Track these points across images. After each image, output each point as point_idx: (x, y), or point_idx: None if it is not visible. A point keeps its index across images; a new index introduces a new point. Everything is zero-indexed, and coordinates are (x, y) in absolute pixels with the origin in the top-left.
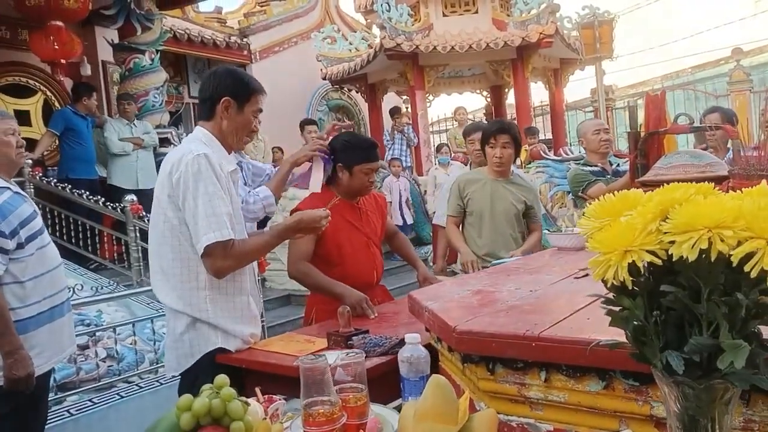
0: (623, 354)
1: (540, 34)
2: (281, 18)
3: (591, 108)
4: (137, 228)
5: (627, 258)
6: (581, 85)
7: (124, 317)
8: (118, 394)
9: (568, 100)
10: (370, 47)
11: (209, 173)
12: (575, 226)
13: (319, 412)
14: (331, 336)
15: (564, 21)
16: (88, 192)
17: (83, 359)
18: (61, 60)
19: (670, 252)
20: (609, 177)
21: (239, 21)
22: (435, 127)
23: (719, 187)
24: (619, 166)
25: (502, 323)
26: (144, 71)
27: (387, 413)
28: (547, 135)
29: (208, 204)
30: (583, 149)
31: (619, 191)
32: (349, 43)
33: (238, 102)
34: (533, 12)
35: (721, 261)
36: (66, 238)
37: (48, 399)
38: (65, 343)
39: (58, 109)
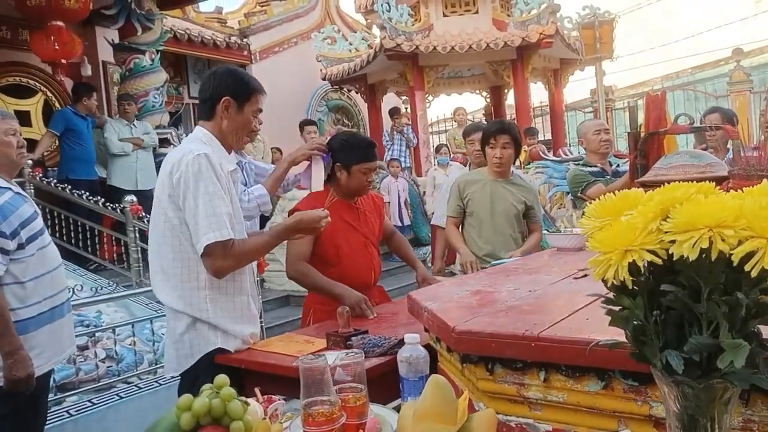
0: (622, 354)
1: (540, 34)
2: (281, 18)
3: (591, 108)
4: (137, 229)
5: (627, 257)
6: (581, 86)
7: (123, 318)
8: (117, 394)
9: (567, 100)
10: (370, 47)
11: (210, 173)
12: (574, 226)
13: (319, 411)
14: (331, 336)
15: (564, 21)
16: (88, 193)
17: (82, 360)
18: (62, 60)
19: (670, 251)
20: (608, 178)
21: (239, 21)
22: (434, 128)
23: (719, 188)
24: (619, 166)
25: (501, 323)
26: (144, 71)
27: (386, 413)
28: (547, 135)
29: (208, 204)
30: (583, 150)
31: (619, 191)
32: (349, 44)
33: (238, 102)
34: (533, 12)
35: (722, 260)
36: (66, 238)
37: (48, 400)
38: (65, 344)
39: (58, 110)
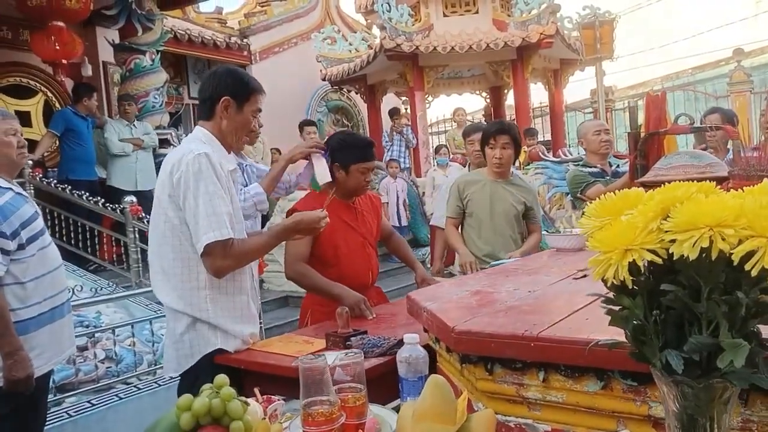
0: (622, 354)
1: (540, 34)
2: (282, 18)
3: (590, 109)
4: (136, 229)
5: (627, 257)
6: (581, 86)
7: (122, 318)
8: (116, 395)
9: (567, 101)
10: (369, 48)
11: (210, 172)
12: (573, 227)
13: (319, 411)
14: (330, 337)
15: (564, 21)
16: (87, 193)
17: (82, 360)
18: (63, 60)
19: (670, 251)
20: (608, 178)
21: (239, 21)
22: (434, 129)
23: (719, 188)
24: (619, 167)
25: (500, 323)
26: (144, 72)
27: (385, 414)
28: (546, 136)
29: (208, 203)
30: (583, 150)
31: (619, 191)
32: (349, 44)
33: (237, 101)
34: (534, 12)
35: (722, 260)
36: (66, 239)
37: (47, 400)
38: (65, 344)
39: (58, 110)
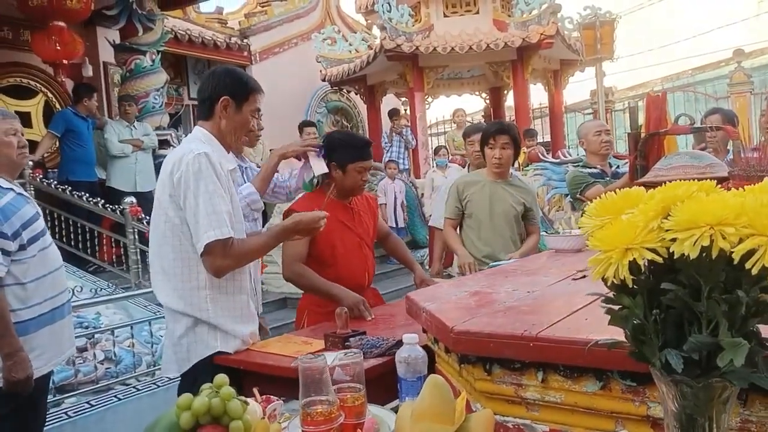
0: (621, 354)
1: (541, 34)
2: (282, 18)
3: (590, 110)
4: (136, 230)
5: (628, 256)
6: (581, 87)
7: (122, 320)
8: (115, 396)
9: (567, 102)
10: (369, 48)
11: (210, 172)
12: (572, 229)
13: (318, 411)
14: (329, 337)
15: (565, 21)
16: (87, 194)
17: (81, 361)
18: (63, 61)
19: (671, 250)
20: (608, 179)
21: (240, 22)
22: (433, 130)
23: (720, 188)
24: (619, 167)
25: (499, 323)
26: (145, 72)
27: (384, 414)
28: (546, 137)
29: (208, 202)
30: (583, 151)
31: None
32: (349, 44)
33: (236, 101)
34: (534, 12)
35: (722, 258)
36: (65, 240)
37: (47, 401)
38: (65, 345)
39: (58, 111)
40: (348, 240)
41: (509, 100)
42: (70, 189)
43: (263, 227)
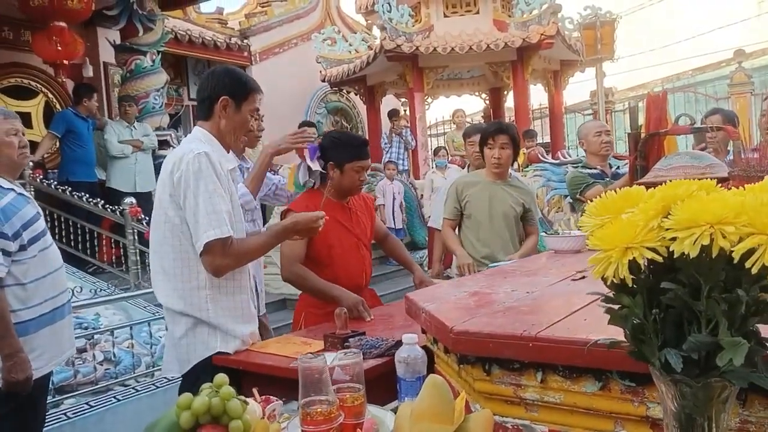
0: (620, 354)
1: (541, 34)
2: (282, 19)
3: (590, 111)
4: (135, 231)
5: (628, 255)
6: (581, 88)
7: (121, 320)
8: (114, 397)
9: (567, 102)
10: (369, 49)
11: (209, 171)
12: (572, 230)
13: (317, 411)
14: (328, 338)
15: (565, 22)
16: (87, 195)
17: (81, 362)
18: (64, 61)
19: (671, 249)
20: (608, 180)
21: (240, 22)
22: (433, 130)
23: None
24: (619, 168)
25: (499, 324)
26: (145, 73)
27: (383, 414)
28: (546, 138)
29: (208, 201)
30: (583, 152)
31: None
32: (349, 45)
33: (235, 101)
34: (534, 12)
35: (722, 257)
36: (65, 241)
37: (47, 401)
38: (65, 346)
39: (59, 111)
40: (345, 240)
41: (509, 100)
42: (70, 189)
43: (263, 227)
